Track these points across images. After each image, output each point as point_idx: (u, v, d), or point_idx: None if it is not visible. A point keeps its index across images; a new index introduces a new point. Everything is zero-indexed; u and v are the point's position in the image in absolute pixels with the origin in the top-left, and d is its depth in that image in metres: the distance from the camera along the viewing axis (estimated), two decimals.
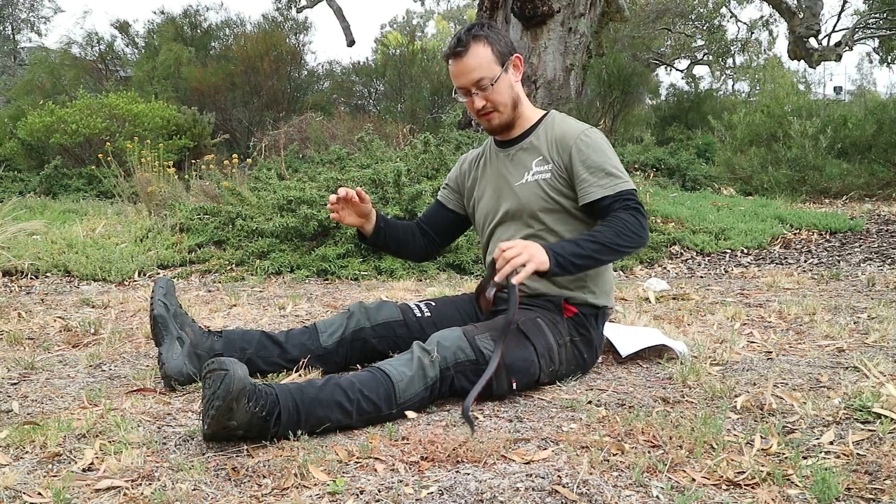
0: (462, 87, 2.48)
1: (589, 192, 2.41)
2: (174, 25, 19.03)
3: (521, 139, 2.58)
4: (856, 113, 10.07)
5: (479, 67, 2.43)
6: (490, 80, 2.44)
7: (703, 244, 5.83)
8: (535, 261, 2.18)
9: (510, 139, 2.61)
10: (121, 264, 5.04)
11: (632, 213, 2.36)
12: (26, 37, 30.41)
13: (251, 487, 1.68)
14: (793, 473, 1.69)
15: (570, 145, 2.46)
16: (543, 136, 2.54)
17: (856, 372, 2.49)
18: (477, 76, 2.44)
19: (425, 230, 2.82)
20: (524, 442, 1.93)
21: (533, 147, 2.54)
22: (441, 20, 46.38)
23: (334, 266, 5.00)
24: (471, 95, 2.47)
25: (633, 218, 2.34)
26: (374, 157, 6.33)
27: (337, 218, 2.58)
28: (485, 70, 2.44)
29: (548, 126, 2.56)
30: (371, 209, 2.63)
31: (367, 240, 2.71)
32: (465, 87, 2.47)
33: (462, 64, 2.44)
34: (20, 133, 11.99)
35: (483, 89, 2.45)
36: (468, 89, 2.47)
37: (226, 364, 1.83)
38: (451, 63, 2.48)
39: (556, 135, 2.51)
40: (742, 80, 24.85)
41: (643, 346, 2.74)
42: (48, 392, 2.41)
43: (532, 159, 2.53)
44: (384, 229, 2.69)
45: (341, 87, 18.95)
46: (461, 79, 2.46)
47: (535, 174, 2.51)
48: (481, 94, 2.46)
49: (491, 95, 2.46)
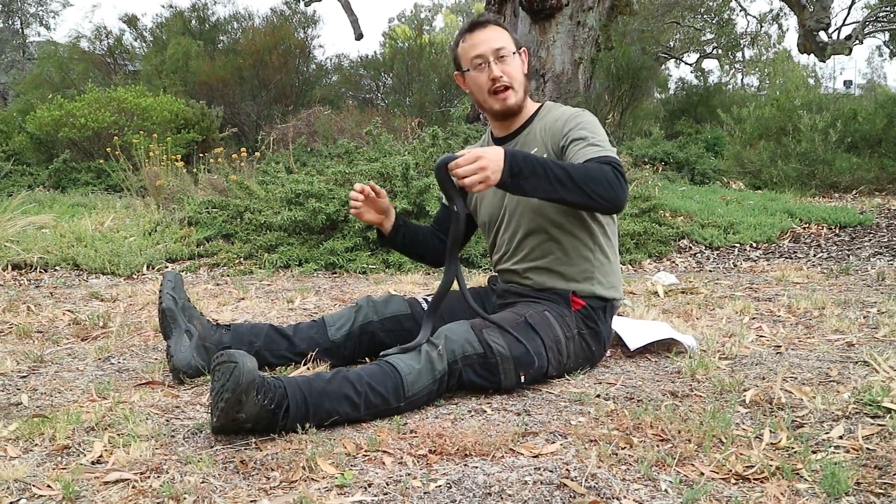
0: (481, 55, 2.45)
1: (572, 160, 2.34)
2: (182, 19, 19.01)
3: (518, 132, 2.57)
4: (866, 107, 10.03)
5: (501, 38, 2.46)
6: (510, 51, 2.46)
7: (712, 238, 5.82)
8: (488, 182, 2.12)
9: (508, 133, 2.59)
10: (129, 258, 5.05)
11: (612, 169, 2.24)
12: (35, 31, 30.47)
13: (259, 480, 1.68)
14: (802, 468, 1.68)
15: (560, 128, 2.45)
16: (539, 127, 2.53)
17: (865, 366, 2.48)
18: (498, 44, 2.45)
19: (439, 235, 2.80)
20: (532, 435, 1.93)
21: (530, 140, 2.53)
22: (449, 14, 46.36)
23: (342, 259, 5.01)
24: (488, 66, 2.45)
25: (612, 172, 2.23)
26: (383, 151, 6.32)
27: (357, 214, 2.58)
28: (505, 41, 2.47)
29: (542, 117, 2.55)
30: (389, 206, 2.63)
31: (386, 240, 2.70)
32: (483, 56, 2.45)
33: (484, 33, 2.46)
34: (29, 127, 12.00)
35: (502, 59, 2.45)
36: (487, 58, 2.44)
37: (235, 357, 1.83)
38: (469, 36, 2.48)
39: (549, 123, 2.50)
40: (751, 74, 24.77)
41: (652, 340, 2.73)
42: (57, 385, 2.42)
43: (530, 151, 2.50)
44: (403, 228, 2.68)
45: (349, 81, 18.91)
46: (482, 46, 2.45)
47: None
48: (500, 64, 2.45)
49: (508, 68, 2.46)
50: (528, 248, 2.53)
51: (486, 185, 2.13)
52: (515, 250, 2.57)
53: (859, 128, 9.30)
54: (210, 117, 12.76)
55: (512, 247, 2.58)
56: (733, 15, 20.85)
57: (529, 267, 2.54)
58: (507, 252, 2.61)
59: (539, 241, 2.51)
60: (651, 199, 6.07)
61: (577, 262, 2.48)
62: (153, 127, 10.80)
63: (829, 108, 9.72)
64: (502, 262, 2.65)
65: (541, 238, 2.50)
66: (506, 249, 2.61)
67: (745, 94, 18.47)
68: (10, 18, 30.40)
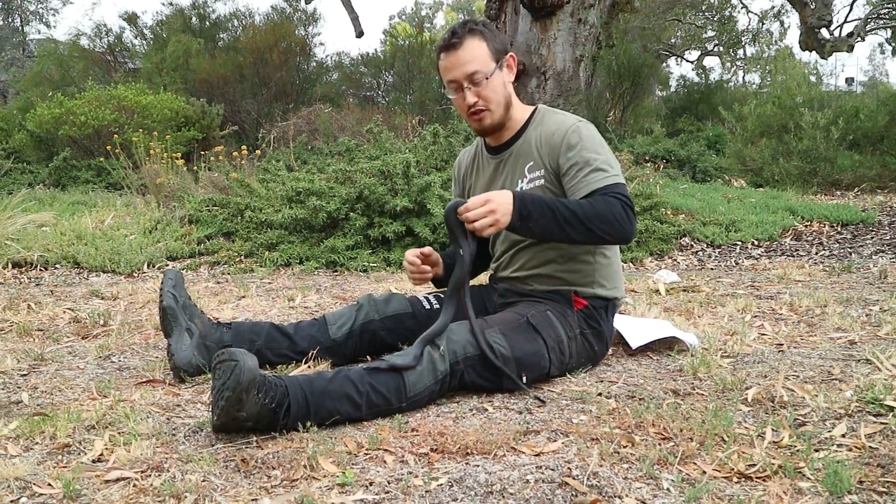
0: (454, 80, 2.38)
1: (577, 189, 2.31)
2: (183, 17, 18.98)
3: (511, 143, 2.50)
4: (868, 104, 10.03)
5: (474, 60, 2.35)
6: (484, 75, 2.36)
7: (714, 236, 5.81)
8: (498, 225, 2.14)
9: (500, 144, 2.53)
10: (130, 256, 5.04)
11: (621, 204, 2.24)
12: (35, 28, 30.44)
13: (260, 479, 1.68)
14: (804, 466, 1.68)
15: (558, 144, 2.37)
16: (533, 137, 2.46)
17: (868, 364, 2.48)
18: (471, 69, 2.35)
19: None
20: (534, 434, 1.92)
21: (524, 151, 2.46)
22: (450, 11, 46.27)
23: (343, 258, 5.00)
24: (462, 91, 2.38)
25: (620, 207, 2.23)
26: (383, 149, 6.31)
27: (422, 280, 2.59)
28: (479, 63, 2.35)
29: (536, 125, 2.48)
30: (437, 256, 2.61)
31: (440, 282, 2.67)
32: (457, 81, 2.37)
33: (456, 56, 2.36)
34: (29, 125, 12.01)
35: (476, 84, 2.36)
36: (460, 83, 2.37)
37: (236, 355, 1.83)
38: (444, 56, 2.39)
39: (545, 134, 2.43)
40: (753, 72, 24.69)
41: (653, 338, 2.73)
42: (57, 383, 2.42)
43: (525, 164, 2.45)
44: (449, 263, 2.64)
45: (350, 79, 18.89)
46: (454, 71, 2.37)
47: (530, 181, 2.43)
48: (474, 88, 2.37)
49: (484, 91, 2.37)
50: (526, 257, 2.52)
51: (495, 229, 2.15)
52: (513, 260, 2.56)
53: (861, 125, 9.29)
54: (210, 115, 12.76)
55: (509, 257, 2.57)
56: (735, 12, 20.80)
57: (529, 275, 2.52)
58: (505, 262, 2.60)
59: (537, 251, 2.49)
60: (652, 196, 6.06)
61: (577, 268, 2.46)
62: (153, 125, 10.81)
63: (830, 106, 9.70)
64: (501, 271, 2.63)
65: (539, 248, 2.48)
66: (504, 259, 2.60)
67: (746, 91, 18.43)
68: (11, 16, 30.38)
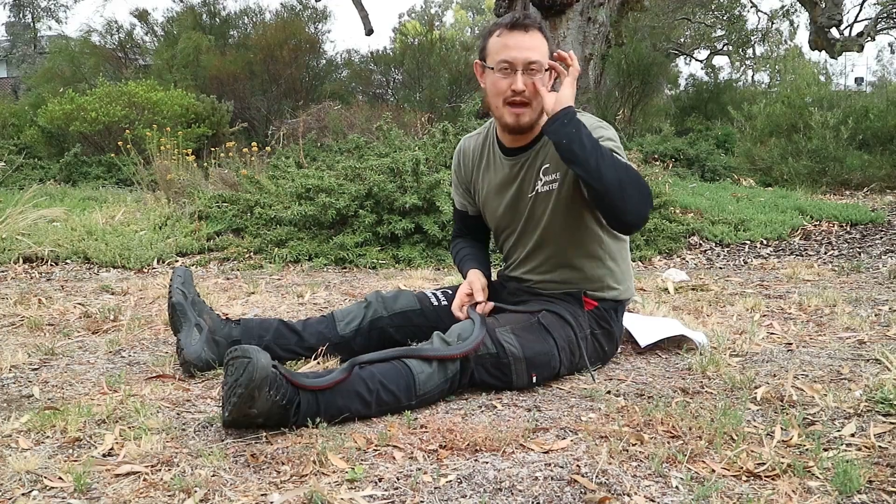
0: (511, 61, 2.29)
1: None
2: (193, 14, 19.02)
3: (531, 146, 2.45)
4: (877, 104, 9.97)
5: (538, 49, 2.30)
6: (541, 67, 2.30)
7: (723, 235, 5.80)
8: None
9: (520, 146, 2.47)
10: (140, 251, 5.06)
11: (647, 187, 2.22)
12: (46, 25, 30.58)
13: (270, 474, 1.68)
14: (814, 465, 1.67)
15: None
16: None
17: (877, 364, 2.47)
18: (534, 57, 2.29)
19: (484, 241, 2.79)
20: (543, 431, 1.93)
21: (540, 153, 2.42)
22: (459, 9, 46.25)
23: (352, 254, 5.01)
24: (513, 74, 2.30)
25: (647, 188, 2.20)
26: (393, 146, 6.32)
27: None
28: (540, 55, 2.30)
29: None
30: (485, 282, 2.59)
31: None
32: (514, 63, 2.29)
33: (523, 38, 2.29)
34: (40, 121, 12.06)
35: (532, 73, 2.30)
36: (516, 66, 2.29)
37: (249, 352, 1.83)
38: (508, 34, 2.31)
39: None
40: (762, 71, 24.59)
41: (662, 337, 2.73)
42: (68, 378, 2.43)
43: (540, 167, 2.41)
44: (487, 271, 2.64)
45: (359, 76, 18.88)
46: (514, 52, 2.28)
47: (546, 184, 2.40)
48: (526, 76, 2.30)
49: (534, 83, 2.30)
50: (537, 261, 2.51)
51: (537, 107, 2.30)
52: (524, 261, 2.55)
53: (871, 125, 9.25)
54: (220, 112, 12.79)
55: (521, 258, 2.56)
56: (744, 11, 20.77)
57: (540, 280, 2.52)
58: (517, 262, 2.59)
59: (548, 255, 2.47)
60: (661, 195, 6.05)
61: (589, 275, 2.46)
62: (164, 121, 10.84)
63: (840, 105, 9.67)
64: (512, 270, 2.63)
65: (550, 251, 2.47)
66: (515, 259, 2.60)
67: (755, 90, 18.35)
68: (22, 12, 30.51)
